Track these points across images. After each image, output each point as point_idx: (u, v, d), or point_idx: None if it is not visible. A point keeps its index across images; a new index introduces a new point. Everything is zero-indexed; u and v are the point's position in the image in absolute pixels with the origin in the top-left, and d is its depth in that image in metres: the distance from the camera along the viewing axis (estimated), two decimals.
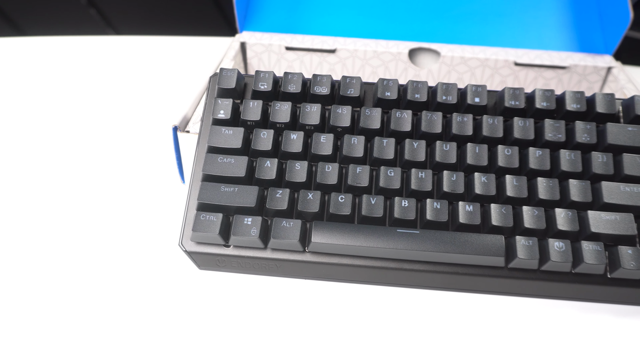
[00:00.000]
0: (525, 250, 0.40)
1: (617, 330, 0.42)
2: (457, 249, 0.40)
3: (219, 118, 0.44)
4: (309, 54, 0.63)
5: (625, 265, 0.39)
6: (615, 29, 0.61)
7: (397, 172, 0.42)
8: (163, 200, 0.52)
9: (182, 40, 0.82)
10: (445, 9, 0.65)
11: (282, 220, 0.41)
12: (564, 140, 0.43)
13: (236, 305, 0.43)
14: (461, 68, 0.62)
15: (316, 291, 0.44)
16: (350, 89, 0.45)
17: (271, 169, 0.43)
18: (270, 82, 0.45)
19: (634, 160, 0.42)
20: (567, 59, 0.61)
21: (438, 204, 0.41)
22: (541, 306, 0.43)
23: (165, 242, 0.48)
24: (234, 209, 0.42)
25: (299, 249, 0.42)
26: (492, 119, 0.44)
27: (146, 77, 0.72)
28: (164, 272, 0.45)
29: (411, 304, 0.43)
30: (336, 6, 0.66)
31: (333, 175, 0.42)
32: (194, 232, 0.41)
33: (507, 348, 0.40)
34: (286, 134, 0.44)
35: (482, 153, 0.43)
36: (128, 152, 0.58)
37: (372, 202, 0.42)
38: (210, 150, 0.44)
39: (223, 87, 0.45)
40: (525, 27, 0.64)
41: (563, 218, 0.41)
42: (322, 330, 0.41)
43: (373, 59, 0.62)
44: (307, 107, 0.45)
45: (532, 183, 0.42)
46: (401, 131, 0.44)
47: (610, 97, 0.44)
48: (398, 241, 0.41)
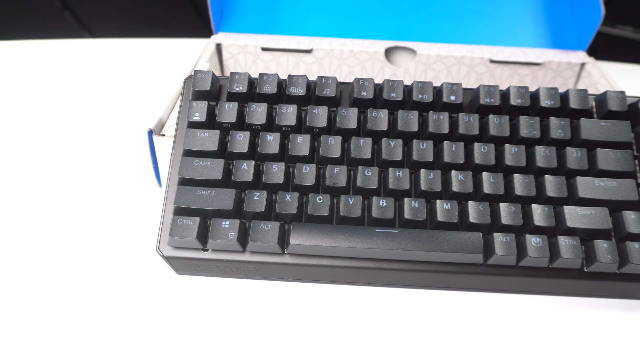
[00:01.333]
0: (503, 247, 0.40)
1: (594, 323, 0.42)
2: (436, 247, 0.40)
3: (194, 121, 0.44)
4: (286, 54, 0.63)
5: (601, 259, 0.40)
6: (587, 26, 0.62)
7: (375, 172, 0.42)
8: (140, 205, 0.51)
9: (158, 42, 0.81)
10: (420, 8, 0.65)
11: (260, 223, 0.41)
12: (539, 136, 0.43)
13: (216, 309, 0.42)
14: (437, 66, 0.62)
15: (296, 293, 0.44)
16: (326, 89, 0.45)
17: (248, 171, 0.42)
18: (246, 84, 0.45)
19: (608, 155, 0.43)
20: (541, 56, 0.62)
21: (416, 202, 0.41)
22: (520, 302, 0.44)
23: (142, 248, 0.47)
24: (211, 213, 0.41)
25: (278, 251, 0.41)
26: (467, 116, 0.44)
27: (122, 80, 0.71)
28: (142, 278, 0.45)
29: (391, 303, 0.43)
30: (312, 6, 0.66)
31: (310, 176, 0.42)
32: (171, 236, 0.40)
33: (488, 344, 0.40)
34: (262, 135, 0.44)
35: (458, 151, 0.43)
36: (104, 156, 0.58)
37: (350, 202, 0.41)
38: (186, 154, 0.43)
39: (198, 89, 0.45)
40: (500, 25, 0.65)
41: (539, 214, 0.41)
42: (303, 331, 0.41)
43: (349, 58, 0.62)
44: (283, 108, 0.44)
45: (508, 180, 0.43)
46: (378, 130, 0.44)
47: (583, 93, 0.45)
48: (377, 241, 0.40)
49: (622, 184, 0.42)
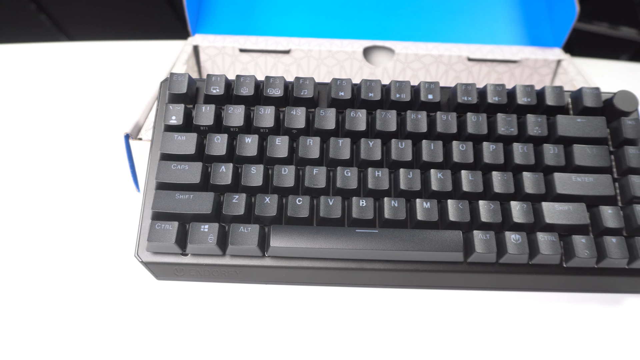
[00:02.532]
0: (483, 244, 0.40)
1: (574, 317, 0.42)
2: (416, 247, 0.40)
3: (171, 124, 0.43)
4: (264, 55, 0.63)
5: (579, 254, 0.40)
6: (563, 23, 0.62)
7: (354, 172, 0.42)
8: (118, 210, 0.51)
9: (136, 44, 0.80)
10: (398, 7, 0.66)
11: (240, 226, 0.41)
12: (516, 133, 0.44)
13: (197, 314, 0.42)
14: (416, 65, 0.62)
15: (277, 296, 0.43)
16: (303, 90, 0.45)
17: (226, 174, 0.42)
18: (223, 86, 0.45)
19: (584, 151, 0.43)
20: (518, 53, 0.62)
21: (396, 202, 0.41)
22: (501, 298, 0.44)
23: (121, 253, 0.46)
24: (190, 217, 0.41)
25: (258, 254, 0.41)
26: (445, 115, 0.44)
27: (99, 83, 0.70)
28: (121, 284, 0.44)
29: (373, 303, 0.43)
30: (290, 6, 0.66)
31: (290, 177, 0.42)
32: (149, 242, 0.40)
33: (470, 341, 0.41)
34: (240, 137, 0.43)
35: (437, 149, 0.43)
36: (82, 161, 0.57)
37: (330, 203, 0.41)
38: (163, 158, 0.43)
39: (174, 92, 0.44)
40: (477, 23, 0.65)
41: (518, 211, 0.41)
42: (286, 334, 0.41)
43: (328, 58, 0.62)
44: (261, 109, 0.44)
45: (487, 177, 0.43)
46: (356, 131, 0.43)
47: (559, 90, 0.45)
48: (357, 241, 0.40)
49: (598, 179, 0.42)
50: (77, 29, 1.11)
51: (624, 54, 1.64)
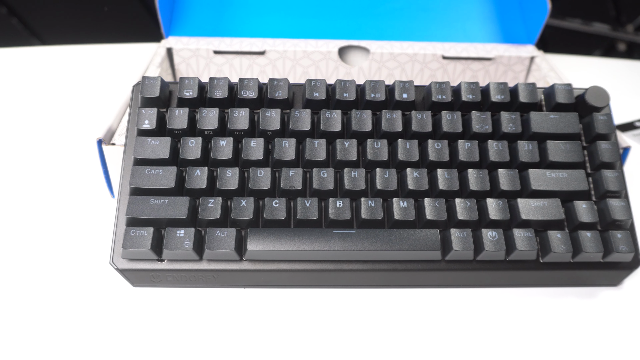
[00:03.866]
0: (460, 242, 0.40)
1: (552, 311, 0.43)
2: (394, 246, 0.40)
3: (144, 128, 0.43)
4: (238, 56, 0.62)
5: (555, 250, 0.40)
6: (535, 20, 0.63)
7: (330, 173, 0.42)
8: (93, 217, 0.50)
9: (109, 48, 0.79)
10: (373, 6, 0.66)
11: (216, 230, 0.40)
12: (490, 131, 0.44)
13: (175, 320, 0.41)
14: (391, 64, 0.62)
15: (256, 299, 0.43)
16: (278, 92, 0.44)
17: (201, 177, 0.42)
18: (196, 89, 0.44)
19: (558, 147, 0.43)
20: (492, 51, 0.63)
21: (372, 202, 0.41)
22: (479, 295, 0.44)
23: (96, 261, 0.46)
24: (166, 222, 0.41)
25: (236, 258, 0.41)
26: (420, 114, 0.44)
27: (73, 88, 0.69)
28: (96, 292, 0.43)
29: (353, 304, 0.43)
30: (264, 7, 0.65)
31: (266, 180, 0.42)
32: (124, 248, 0.39)
33: (449, 339, 0.41)
34: (215, 140, 0.43)
35: (412, 148, 0.43)
36: (55, 167, 0.56)
37: (307, 205, 0.41)
38: (137, 163, 0.42)
39: (146, 96, 0.44)
40: (451, 21, 0.65)
41: (494, 208, 0.42)
42: (265, 338, 0.40)
43: (303, 59, 0.62)
44: (235, 112, 0.44)
45: (463, 175, 0.43)
46: (332, 131, 0.43)
47: (532, 87, 0.45)
48: (335, 242, 0.40)
49: (572, 175, 0.43)
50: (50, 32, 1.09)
51: (597, 49, 1.67)
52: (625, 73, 0.80)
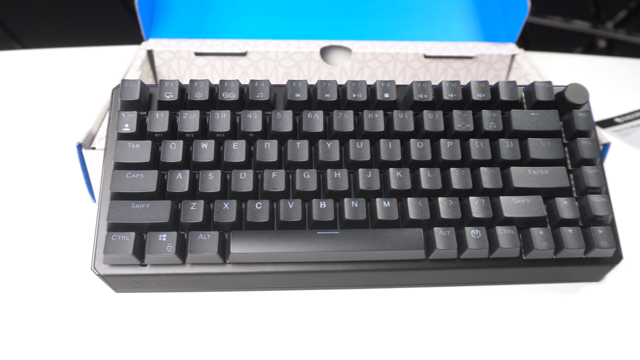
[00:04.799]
0: (444, 241, 0.41)
1: (536, 307, 0.43)
2: (378, 246, 0.40)
3: (124, 132, 0.42)
4: (220, 58, 0.62)
5: (537, 246, 0.41)
6: (515, 18, 0.63)
7: (313, 174, 0.42)
8: (74, 222, 0.49)
9: (90, 50, 0.78)
10: (354, 6, 0.66)
11: (199, 234, 0.40)
12: (472, 129, 0.44)
13: (160, 326, 0.41)
14: (373, 64, 0.62)
15: (241, 303, 0.43)
16: (259, 93, 0.44)
17: (183, 181, 0.41)
18: (176, 91, 0.44)
19: (539, 144, 0.44)
20: (473, 49, 0.63)
21: (356, 202, 0.41)
22: (464, 293, 0.44)
23: (77, 267, 0.45)
24: (147, 226, 0.40)
25: (219, 262, 0.40)
26: (402, 113, 0.44)
27: (53, 91, 0.68)
28: (79, 299, 0.43)
29: (338, 305, 0.43)
30: (245, 8, 0.65)
31: (248, 182, 0.41)
32: (105, 254, 0.39)
33: (435, 338, 0.41)
34: (196, 143, 0.42)
35: (395, 148, 0.43)
36: (36, 171, 0.55)
37: (290, 207, 0.41)
38: (117, 167, 0.42)
39: (126, 99, 0.43)
40: (432, 20, 0.66)
41: (477, 206, 0.42)
42: (251, 342, 0.40)
43: (285, 59, 0.62)
44: (216, 114, 0.43)
45: (445, 174, 0.43)
46: (314, 132, 0.43)
47: (513, 85, 0.45)
48: (319, 244, 0.40)
49: (553, 172, 0.43)
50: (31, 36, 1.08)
51: (578, 46, 1.68)
52: (605, 70, 0.81)
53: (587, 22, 1.62)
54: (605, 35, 1.60)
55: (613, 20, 1.60)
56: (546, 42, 1.66)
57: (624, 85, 0.77)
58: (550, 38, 1.68)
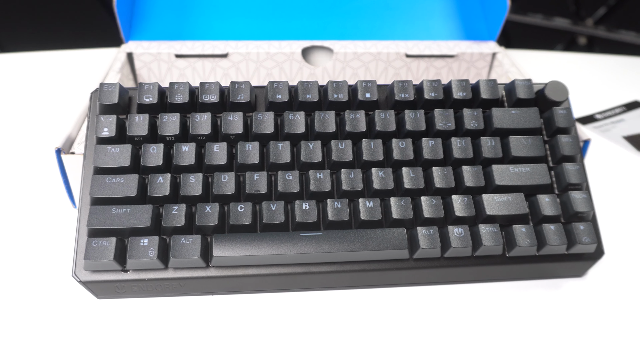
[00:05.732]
0: (427, 240, 0.41)
1: (519, 304, 0.43)
2: (362, 247, 0.40)
3: (103, 136, 0.42)
4: (201, 60, 0.61)
5: (520, 244, 0.41)
6: (496, 16, 0.63)
7: (296, 175, 0.42)
8: (54, 228, 0.49)
9: (69, 54, 0.77)
10: (335, 6, 0.65)
11: (181, 237, 0.39)
12: (453, 128, 0.44)
13: (143, 332, 0.41)
14: (355, 63, 0.62)
15: (225, 306, 0.42)
16: (240, 95, 0.44)
17: (164, 184, 0.41)
18: (156, 94, 0.43)
19: (520, 142, 0.44)
20: (454, 48, 0.63)
21: (339, 203, 0.41)
22: (449, 292, 0.44)
23: (58, 273, 0.44)
24: (129, 231, 0.40)
25: (202, 265, 0.40)
26: (384, 113, 0.44)
27: (32, 95, 0.67)
28: (60, 306, 0.42)
29: (323, 306, 0.43)
30: (225, 9, 0.64)
31: (230, 185, 0.41)
32: (86, 260, 0.38)
33: (420, 337, 0.41)
34: (177, 146, 0.42)
35: (377, 148, 0.43)
36: (15, 177, 0.54)
37: (273, 209, 0.41)
38: (97, 172, 0.41)
39: (105, 102, 0.43)
40: (414, 19, 0.66)
41: (459, 204, 0.42)
42: (235, 344, 0.40)
43: (267, 60, 0.61)
44: (197, 116, 0.43)
45: (427, 173, 0.43)
46: (295, 133, 0.43)
47: (493, 83, 0.46)
48: (302, 245, 0.40)
49: (535, 169, 0.43)
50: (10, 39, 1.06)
51: (559, 43, 1.70)
52: (585, 66, 0.81)
53: (568, 20, 1.63)
54: (586, 32, 1.62)
55: (593, 17, 1.62)
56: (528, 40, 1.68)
57: (604, 81, 0.77)
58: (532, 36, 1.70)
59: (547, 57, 0.84)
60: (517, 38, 1.66)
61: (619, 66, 0.82)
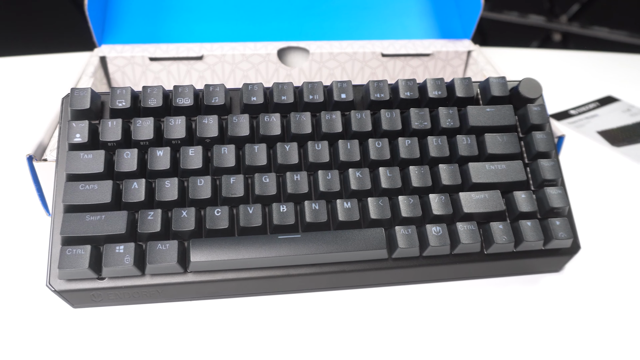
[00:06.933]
0: (405, 239, 0.41)
1: (498, 300, 0.43)
2: (340, 248, 0.40)
3: (76, 142, 0.41)
4: (176, 63, 0.61)
5: (498, 241, 0.41)
6: (470, 15, 0.64)
7: (272, 178, 0.41)
8: (28, 237, 0.48)
9: (41, 59, 0.76)
10: (310, 7, 0.65)
11: (158, 243, 0.39)
12: (429, 127, 0.44)
13: (121, 340, 0.40)
14: (331, 64, 0.62)
15: (204, 311, 0.42)
16: (214, 98, 0.43)
17: (139, 190, 0.40)
18: (129, 98, 0.43)
19: (495, 139, 0.44)
20: (430, 47, 0.63)
21: (316, 204, 0.41)
22: (429, 291, 0.44)
23: (32, 283, 0.44)
24: (104, 238, 0.39)
25: (179, 271, 0.39)
26: (360, 113, 0.44)
27: (3, 102, 0.66)
28: (34, 316, 0.41)
29: (303, 308, 0.43)
30: (200, 11, 0.64)
31: (206, 188, 0.41)
32: (60, 269, 0.38)
33: (399, 336, 0.41)
34: (151, 151, 0.41)
35: (353, 148, 0.43)
36: None
37: (250, 212, 0.40)
38: (70, 178, 0.41)
39: (76, 108, 0.42)
40: (389, 19, 0.66)
41: (437, 203, 0.42)
42: (215, 350, 0.39)
43: (242, 62, 0.61)
44: (171, 120, 0.42)
45: (405, 172, 0.43)
46: (271, 135, 0.43)
47: (468, 81, 0.46)
48: (280, 248, 0.40)
49: (510, 166, 0.44)
50: None
51: (535, 40, 1.72)
52: (560, 63, 0.82)
53: (542, 17, 1.65)
54: (560, 29, 1.64)
55: (567, 14, 1.64)
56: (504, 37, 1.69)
57: (579, 77, 0.78)
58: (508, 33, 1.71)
59: (522, 54, 0.85)
60: (494, 36, 1.68)
61: (592, 62, 0.83)
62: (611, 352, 0.40)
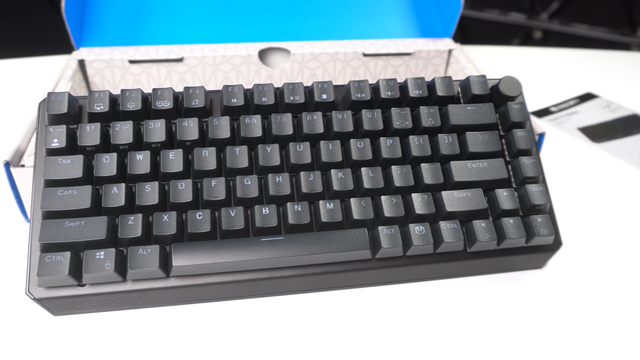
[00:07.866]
0: (389, 239, 0.41)
1: (482, 298, 0.44)
2: (324, 249, 0.40)
3: (53, 147, 0.40)
4: (156, 65, 0.60)
5: (480, 238, 0.41)
6: (450, 13, 0.64)
7: (254, 180, 0.41)
8: (7, 244, 0.47)
9: (18, 62, 0.75)
10: (291, 7, 0.65)
11: (139, 248, 0.38)
12: (411, 126, 0.44)
13: (103, 347, 0.39)
14: (313, 64, 0.62)
15: (188, 316, 0.42)
16: (194, 100, 0.43)
17: (119, 194, 0.40)
18: (107, 102, 0.42)
19: (477, 138, 0.44)
20: (411, 46, 0.63)
21: (299, 206, 0.41)
22: (413, 290, 0.44)
23: (11, 292, 0.43)
24: (84, 244, 0.38)
25: (161, 276, 0.39)
26: (341, 114, 0.44)
27: None
28: (14, 326, 0.41)
29: (287, 311, 0.42)
30: (180, 12, 0.63)
31: (187, 192, 0.40)
32: (40, 276, 0.37)
33: (384, 336, 0.41)
34: (131, 155, 0.41)
35: (335, 149, 0.43)
36: None
37: (232, 215, 0.40)
38: (48, 184, 0.40)
39: (53, 112, 0.41)
40: (370, 18, 0.66)
41: (419, 202, 0.42)
42: (199, 355, 0.39)
43: (223, 64, 0.60)
44: (151, 124, 0.42)
45: (387, 172, 0.43)
46: (252, 137, 0.42)
47: (449, 80, 0.46)
48: (263, 250, 0.39)
49: (492, 164, 0.44)
50: None
51: (516, 38, 1.73)
52: (540, 60, 0.83)
53: (523, 14, 1.67)
54: (540, 27, 1.66)
55: (547, 12, 1.66)
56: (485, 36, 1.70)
57: (559, 74, 0.79)
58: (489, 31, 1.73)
59: (503, 52, 0.85)
60: (475, 34, 1.69)
61: (572, 59, 0.84)
62: (594, 347, 0.40)
